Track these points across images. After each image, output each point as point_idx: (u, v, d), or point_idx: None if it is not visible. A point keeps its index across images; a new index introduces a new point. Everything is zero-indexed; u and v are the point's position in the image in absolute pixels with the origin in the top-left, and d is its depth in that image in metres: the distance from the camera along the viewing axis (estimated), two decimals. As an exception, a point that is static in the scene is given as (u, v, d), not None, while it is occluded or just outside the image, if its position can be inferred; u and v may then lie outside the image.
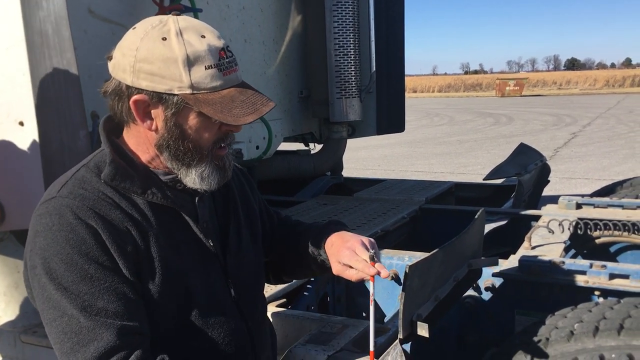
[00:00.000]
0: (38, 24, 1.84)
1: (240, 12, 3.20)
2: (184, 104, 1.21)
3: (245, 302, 1.44)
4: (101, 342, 1.12)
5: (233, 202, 1.49)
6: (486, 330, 2.28)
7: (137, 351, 1.14)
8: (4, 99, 1.88)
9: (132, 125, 1.29)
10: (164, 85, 1.19)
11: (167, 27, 1.21)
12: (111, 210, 1.21)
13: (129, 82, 1.21)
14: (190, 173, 1.27)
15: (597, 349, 1.63)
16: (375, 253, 1.36)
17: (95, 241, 1.17)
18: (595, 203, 3.15)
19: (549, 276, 2.14)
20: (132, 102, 1.22)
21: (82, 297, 1.14)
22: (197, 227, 1.33)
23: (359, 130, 4.06)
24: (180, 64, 1.18)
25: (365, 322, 1.76)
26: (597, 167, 10.36)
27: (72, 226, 1.17)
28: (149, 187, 1.27)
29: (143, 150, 1.30)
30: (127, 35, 1.25)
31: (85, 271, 1.15)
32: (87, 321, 1.13)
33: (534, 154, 4.02)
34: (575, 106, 26.95)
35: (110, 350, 1.12)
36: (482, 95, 44.09)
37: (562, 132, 16.19)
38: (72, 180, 1.25)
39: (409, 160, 11.91)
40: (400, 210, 3.24)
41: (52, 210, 1.19)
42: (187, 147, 1.25)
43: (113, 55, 1.26)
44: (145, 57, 1.19)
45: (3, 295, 2.20)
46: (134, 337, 1.16)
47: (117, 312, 1.15)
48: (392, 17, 3.96)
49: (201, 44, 1.20)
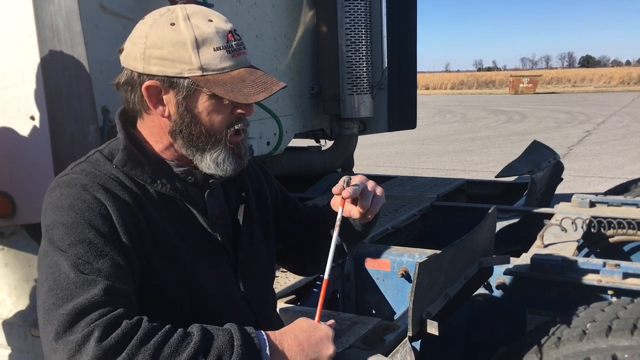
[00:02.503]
0: (49, 19, 1.85)
1: (252, 7, 3.19)
2: (194, 86, 1.22)
3: (255, 297, 1.43)
4: (87, 296, 1.07)
5: (247, 197, 1.49)
6: (496, 329, 2.26)
7: (120, 309, 1.08)
8: (14, 93, 1.89)
9: (145, 115, 1.30)
10: (174, 69, 1.21)
11: (175, 14, 1.23)
12: (120, 191, 1.22)
13: (140, 70, 1.23)
14: (205, 158, 1.29)
15: (609, 349, 1.61)
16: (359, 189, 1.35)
17: (99, 211, 1.16)
18: (609, 201, 3.12)
19: (562, 275, 2.12)
20: (144, 89, 1.23)
21: (77, 257, 1.12)
22: (205, 220, 1.33)
23: (370, 127, 4.04)
24: (189, 46, 1.20)
25: (375, 319, 1.75)
26: (611, 165, 10.26)
27: (79, 195, 1.17)
28: (159, 177, 1.28)
29: (156, 140, 1.31)
30: (137, 26, 1.27)
31: (85, 235, 1.14)
32: (76, 277, 1.09)
33: (547, 152, 3.99)
34: (590, 104, 26.72)
35: (93, 305, 1.06)
36: (495, 93, 43.84)
37: (576, 130, 16.06)
38: (86, 161, 1.27)
39: (420, 158, 11.87)
40: (411, 207, 3.23)
41: (62, 184, 1.21)
42: (200, 130, 1.26)
43: (124, 47, 1.28)
44: (154, 43, 1.21)
45: (14, 288, 2.22)
46: (120, 298, 1.11)
47: (109, 274, 1.11)
48: (404, 12, 3.93)
49: (209, 27, 1.22)
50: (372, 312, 2.52)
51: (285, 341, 1.21)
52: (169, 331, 1.09)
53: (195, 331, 1.11)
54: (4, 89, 1.89)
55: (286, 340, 1.21)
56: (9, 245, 2.21)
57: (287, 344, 1.21)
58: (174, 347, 1.06)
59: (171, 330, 1.10)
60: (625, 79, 47.05)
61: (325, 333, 1.26)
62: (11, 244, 2.21)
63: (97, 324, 1.03)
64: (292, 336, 1.23)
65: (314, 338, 1.23)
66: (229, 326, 1.16)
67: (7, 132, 1.92)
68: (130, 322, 1.06)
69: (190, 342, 1.08)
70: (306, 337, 1.23)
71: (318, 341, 1.23)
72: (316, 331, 1.25)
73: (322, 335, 1.25)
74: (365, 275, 2.50)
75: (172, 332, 1.09)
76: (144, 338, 1.05)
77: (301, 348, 1.21)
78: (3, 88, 1.90)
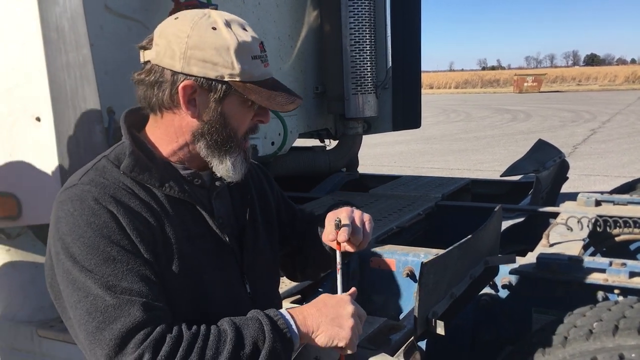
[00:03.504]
0: (54, 20, 1.85)
1: (256, 7, 3.20)
2: (230, 91, 1.25)
3: (261, 298, 1.44)
4: (128, 318, 1.13)
5: (250, 199, 1.50)
6: (502, 329, 2.25)
7: (161, 325, 1.15)
8: (20, 94, 1.89)
9: (166, 114, 1.30)
10: (215, 72, 1.23)
11: (213, 19, 1.26)
12: (130, 199, 1.23)
13: (178, 69, 1.24)
14: (225, 161, 1.31)
15: (616, 348, 1.61)
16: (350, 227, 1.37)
17: (116, 225, 1.19)
18: (615, 200, 3.10)
19: (568, 274, 2.11)
20: (181, 88, 1.24)
21: (106, 277, 1.15)
22: (213, 221, 1.34)
23: (374, 126, 4.04)
24: (232, 52, 1.23)
25: (380, 319, 1.75)
26: (616, 164, 10.23)
27: (94, 211, 1.19)
28: (167, 180, 1.29)
29: (171, 140, 1.32)
30: (170, 24, 1.27)
31: (108, 253, 1.17)
32: (112, 299, 1.14)
33: (552, 151, 3.97)
34: (595, 102, 26.62)
35: (137, 326, 1.13)
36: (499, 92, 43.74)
37: (581, 129, 16.01)
38: (93, 169, 1.28)
39: (425, 157, 11.85)
40: (416, 207, 3.22)
41: (74, 197, 1.22)
42: (228, 134, 1.29)
43: (154, 43, 1.27)
44: (197, 44, 1.22)
45: (20, 289, 2.22)
46: (158, 312, 1.17)
47: (140, 291, 1.16)
48: (408, 12, 3.93)
49: (247, 35, 1.27)
50: (377, 311, 2.52)
51: (305, 310, 1.29)
52: (206, 334, 1.17)
53: (227, 327, 1.19)
54: (10, 90, 1.90)
55: (306, 310, 1.29)
56: (15, 246, 2.22)
57: (307, 312, 1.28)
58: (214, 349, 1.15)
59: (208, 332, 1.18)
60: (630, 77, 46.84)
61: (341, 297, 1.32)
62: (17, 245, 2.22)
63: (145, 345, 1.11)
64: (311, 306, 1.31)
65: (331, 301, 1.30)
66: (255, 313, 1.24)
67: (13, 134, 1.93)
68: (172, 335, 1.14)
69: (227, 340, 1.16)
70: (323, 303, 1.30)
71: (335, 303, 1.29)
72: (333, 297, 1.32)
73: (339, 298, 1.31)
74: (371, 275, 2.50)
75: (209, 334, 1.17)
76: (188, 349, 1.14)
77: (320, 312, 1.28)
78: (9, 89, 1.90)
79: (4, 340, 2.21)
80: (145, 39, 1.30)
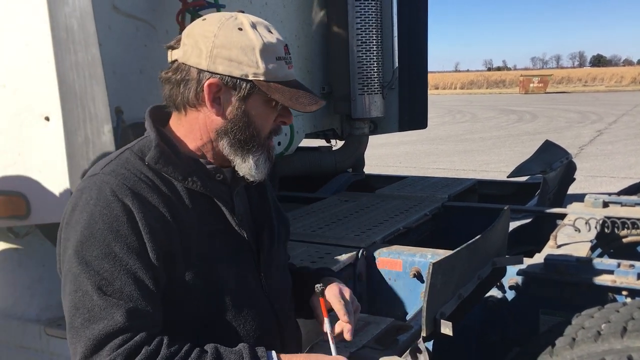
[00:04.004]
0: (64, 20, 1.86)
1: (263, 7, 3.20)
2: (254, 90, 1.27)
3: (276, 297, 1.46)
4: (110, 321, 1.14)
5: (267, 201, 1.52)
6: (510, 330, 2.25)
7: (142, 333, 1.15)
8: (29, 94, 1.90)
9: (190, 111, 1.32)
10: (240, 71, 1.26)
11: (240, 20, 1.29)
12: (150, 193, 1.25)
13: (204, 67, 1.26)
14: (248, 160, 1.33)
15: (625, 350, 1.60)
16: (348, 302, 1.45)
17: (127, 219, 1.20)
18: (623, 201, 3.09)
19: (575, 275, 2.11)
20: (206, 85, 1.27)
21: (101, 274, 1.17)
22: (233, 217, 1.36)
23: (380, 127, 4.04)
24: (257, 52, 1.25)
25: (388, 320, 1.75)
26: (623, 165, 10.19)
27: (109, 202, 1.20)
28: (190, 174, 1.31)
29: (195, 137, 1.34)
30: (198, 25, 1.30)
31: (111, 249, 1.18)
32: (100, 300, 1.16)
33: (559, 152, 3.96)
34: (601, 103, 26.53)
35: (117, 331, 1.14)
36: (505, 92, 43.64)
37: (587, 130, 15.96)
38: (116, 160, 1.30)
39: (430, 158, 11.84)
40: (423, 208, 3.21)
41: (92, 186, 1.24)
42: (251, 133, 1.31)
43: (182, 43, 1.30)
44: (223, 44, 1.25)
45: (28, 288, 2.23)
46: (143, 321, 1.17)
47: (131, 295, 1.17)
48: (414, 12, 3.92)
49: (272, 37, 1.29)
50: (384, 312, 2.51)
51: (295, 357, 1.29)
52: (184, 355, 1.17)
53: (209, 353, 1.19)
54: (19, 90, 1.91)
55: (297, 357, 1.29)
56: (23, 245, 2.23)
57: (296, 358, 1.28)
58: None
59: (187, 353, 1.17)
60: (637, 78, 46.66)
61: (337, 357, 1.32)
62: (25, 244, 2.23)
63: (119, 352, 1.12)
64: (303, 356, 1.31)
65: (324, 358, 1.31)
66: (241, 346, 1.25)
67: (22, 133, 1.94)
68: (149, 348, 1.14)
69: None
70: (316, 357, 1.31)
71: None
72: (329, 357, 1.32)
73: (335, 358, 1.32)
74: (377, 276, 2.49)
75: (187, 356, 1.17)
76: None
77: None
78: (18, 89, 1.91)
79: (12, 338, 2.22)
80: (174, 39, 1.34)
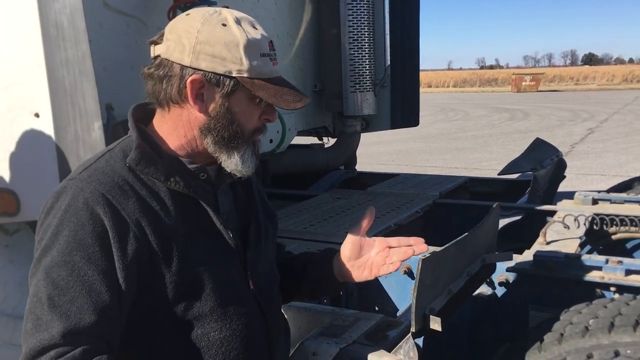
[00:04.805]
0: (53, 16, 1.85)
1: (255, 5, 3.19)
2: (238, 87, 1.26)
3: (263, 296, 1.44)
4: (48, 334, 1.12)
5: (253, 197, 1.50)
6: (499, 326, 2.26)
7: (78, 349, 1.12)
8: (19, 90, 1.90)
9: (173, 108, 1.30)
10: (224, 67, 1.24)
11: (224, 16, 1.27)
12: (127, 199, 1.22)
13: (187, 63, 1.25)
14: (234, 156, 1.31)
15: (612, 345, 1.61)
16: None
17: (93, 229, 1.17)
18: (612, 199, 3.11)
19: (564, 272, 2.12)
20: (189, 82, 1.25)
21: (56, 283, 1.15)
22: (218, 218, 1.34)
23: (372, 125, 4.04)
24: (241, 48, 1.24)
25: (378, 316, 1.75)
26: (614, 163, 10.25)
27: (78, 210, 1.19)
28: (173, 174, 1.28)
29: (178, 135, 1.32)
30: (181, 20, 1.29)
31: (72, 257, 1.16)
32: (48, 310, 1.14)
33: (549, 149, 3.98)
34: (592, 102, 26.66)
35: (52, 345, 1.12)
36: (497, 91, 43.75)
37: (579, 128, 16.03)
38: (95, 164, 1.27)
39: (423, 155, 11.86)
40: (414, 205, 3.23)
41: (68, 190, 1.22)
42: (235, 130, 1.29)
43: (165, 38, 1.28)
44: (206, 40, 1.24)
45: (19, 285, 2.22)
46: (84, 337, 1.14)
47: (81, 309, 1.15)
48: (407, 10, 3.93)
49: (256, 33, 1.28)
50: (375, 308, 2.52)
51: None
52: None
53: None
54: (9, 87, 1.90)
55: None
56: (13, 242, 2.23)
57: None
58: None
59: None
60: (628, 76, 46.88)
61: None
62: (16, 241, 2.22)
63: None
64: None
65: None
66: None
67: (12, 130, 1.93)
68: None
69: None
70: None
71: None
72: None
73: None
74: (368, 272, 2.50)
75: None
76: None
77: None
78: (8, 85, 1.91)
79: (1, 335, 2.21)
80: (157, 34, 1.31)
